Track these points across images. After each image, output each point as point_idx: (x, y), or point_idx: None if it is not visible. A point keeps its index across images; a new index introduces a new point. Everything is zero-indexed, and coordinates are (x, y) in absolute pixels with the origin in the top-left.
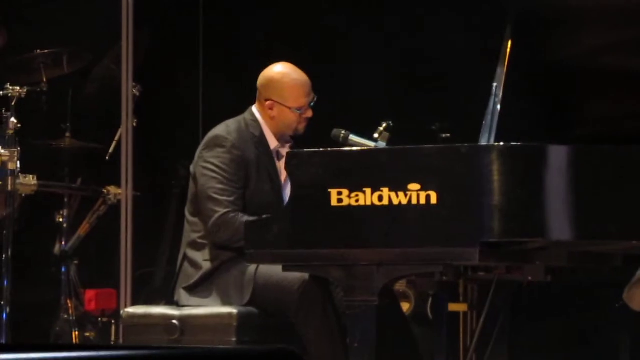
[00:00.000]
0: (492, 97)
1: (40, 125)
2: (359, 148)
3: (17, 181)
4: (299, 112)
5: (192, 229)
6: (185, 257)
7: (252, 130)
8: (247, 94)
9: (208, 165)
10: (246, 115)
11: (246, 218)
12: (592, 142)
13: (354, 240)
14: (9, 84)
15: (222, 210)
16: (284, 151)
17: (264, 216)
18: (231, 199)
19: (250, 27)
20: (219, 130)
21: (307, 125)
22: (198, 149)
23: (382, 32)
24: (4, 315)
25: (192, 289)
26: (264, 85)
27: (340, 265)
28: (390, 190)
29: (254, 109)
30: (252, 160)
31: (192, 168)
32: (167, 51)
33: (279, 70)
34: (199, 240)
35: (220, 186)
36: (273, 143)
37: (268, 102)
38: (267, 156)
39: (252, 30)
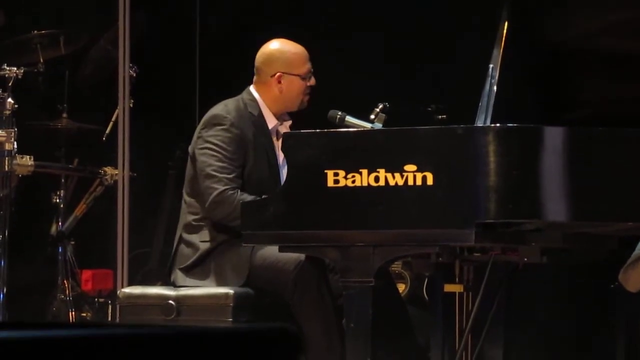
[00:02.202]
0: (489, 79)
1: (37, 106)
2: (355, 129)
3: (14, 162)
4: (305, 80)
5: (188, 210)
6: (181, 238)
7: (251, 109)
8: (244, 75)
9: (207, 144)
10: (244, 95)
11: (245, 196)
12: (588, 124)
13: (350, 221)
14: (5, 64)
15: (220, 188)
16: (283, 129)
17: (262, 197)
18: (230, 176)
19: (247, 7)
20: (218, 109)
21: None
22: (197, 129)
23: (379, 14)
24: (1, 296)
25: (188, 270)
26: (266, 61)
27: (336, 246)
28: (386, 171)
29: (252, 89)
30: (250, 139)
31: (190, 148)
32: (163, 32)
33: (277, 44)
34: (195, 222)
35: (219, 164)
36: (271, 122)
37: (276, 76)
38: (265, 135)
39: (249, 10)
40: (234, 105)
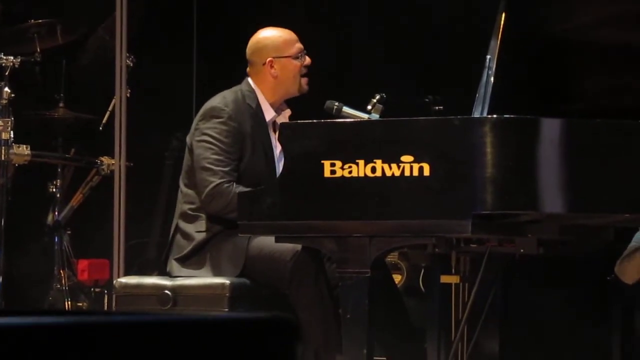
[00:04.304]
0: (486, 70)
1: (34, 96)
2: (352, 120)
3: (10, 151)
4: (299, 60)
5: (184, 200)
6: (177, 227)
7: (249, 101)
8: (241, 64)
9: (204, 137)
10: (243, 86)
11: (240, 188)
12: (586, 115)
13: (347, 212)
14: (2, 54)
15: (216, 181)
16: (282, 120)
17: (258, 187)
18: (226, 169)
19: None
20: (216, 101)
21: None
22: (194, 120)
23: (377, 5)
24: None
25: (184, 260)
26: (255, 51)
27: (333, 236)
28: (383, 162)
29: (250, 80)
30: (247, 131)
31: (188, 139)
32: (161, 21)
33: (263, 32)
34: (191, 212)
35: (215, 157)
36: (269, 115)
37: (268, 61)
38: (262, 128)
39: (248, 0)
40: (233, 97)
